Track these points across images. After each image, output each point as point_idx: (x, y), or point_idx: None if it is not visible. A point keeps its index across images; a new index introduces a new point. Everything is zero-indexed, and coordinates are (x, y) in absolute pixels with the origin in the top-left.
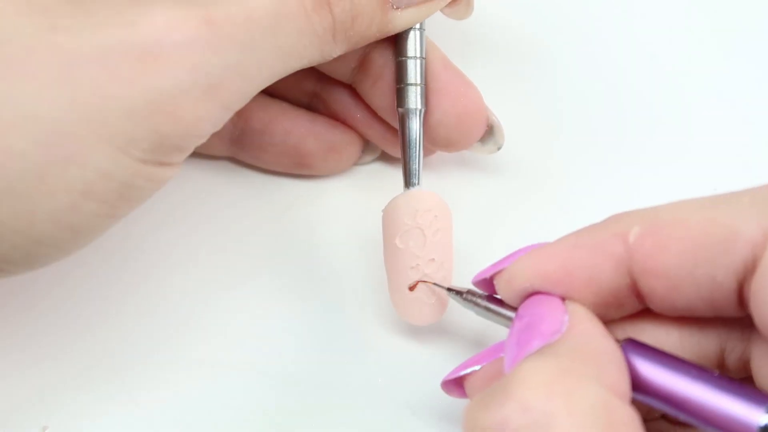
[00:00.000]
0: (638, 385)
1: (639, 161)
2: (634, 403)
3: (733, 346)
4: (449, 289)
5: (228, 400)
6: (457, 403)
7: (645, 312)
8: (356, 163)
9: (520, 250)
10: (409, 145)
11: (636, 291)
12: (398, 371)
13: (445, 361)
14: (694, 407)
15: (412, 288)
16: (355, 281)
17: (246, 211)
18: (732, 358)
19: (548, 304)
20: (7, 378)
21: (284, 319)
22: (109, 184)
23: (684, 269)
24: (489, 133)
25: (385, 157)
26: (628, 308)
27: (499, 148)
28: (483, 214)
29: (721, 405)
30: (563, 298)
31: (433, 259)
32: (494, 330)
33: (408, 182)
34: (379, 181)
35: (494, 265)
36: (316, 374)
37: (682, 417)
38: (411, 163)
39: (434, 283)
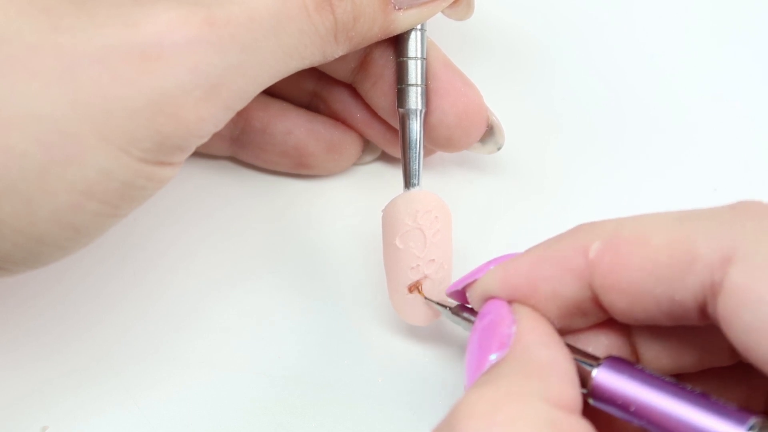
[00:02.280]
0: (619, 403)
1: (639, 161)
2: (618, 422)
3: (713, 354)
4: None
5: (228, 400)
6: None
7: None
8: (356, 163)
9: (491, 261)
10: (410, 145)
11: (598, 303)
12: (398, 371)
13: (445, 361)
14: (675, 426)
15: (411, 289)
16: (355, 281)
17: (246, 210)
18: (715, 362)
19: (500, 318)
20: (8, 378)
21: (284, 319)
22: (111, 184)
23: (643, 287)
24: (489, 133)
25: (385, 157)
26: (593, 318)
27: (499, 148)
28: (482, 214)
29: (701, 424)
30: (511, 302)
31: (433, 260)
32: None
33: (408, 183)
34: (379, 181)
35: (467, 276)
36: (315, 374)
37: None
38: (411, 163)
39: (437, 303)
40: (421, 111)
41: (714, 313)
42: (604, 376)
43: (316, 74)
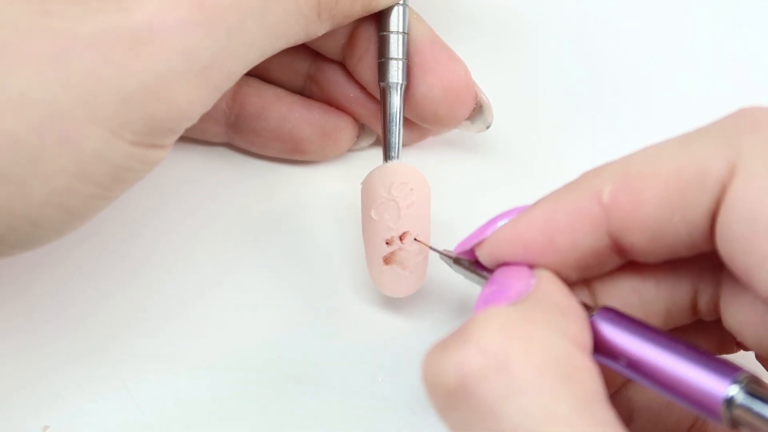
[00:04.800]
0: (608, 351)
1: (630, 140)
2: (603, 369)
3: (704, 288)
4: (441, 253)
5: (227, 398)
6: None
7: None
8: (352, 149)
9: (498, 217)
10: (390, 118)
11: (617, 248)
12: (398, 371)
13: None
14: (662, 376)
15: (386, 260)
16: (353, 268)
17: (242, 196)
18: (704, 300)
19: (517, 272)
20: (8, 378)
21: (281, 313)
22: (103, 167)
23: (662, 219)
24: (478, 110)
25: (380, 142)
26: (609, 265)
27: (488, 127)
28: (472, 192)
29: (688, 375)
30: (532, 267)
31: (408, 232)
32: None
33: (387, 156)
34: (374, 167)
35: (474, 235)
36: (314, 373)
37: (650, 386)
38: (390, 136)
39: (430, 247)
40: (401, 85)
41: (715, 229)
42: (598, 325)
43: (309, 55)
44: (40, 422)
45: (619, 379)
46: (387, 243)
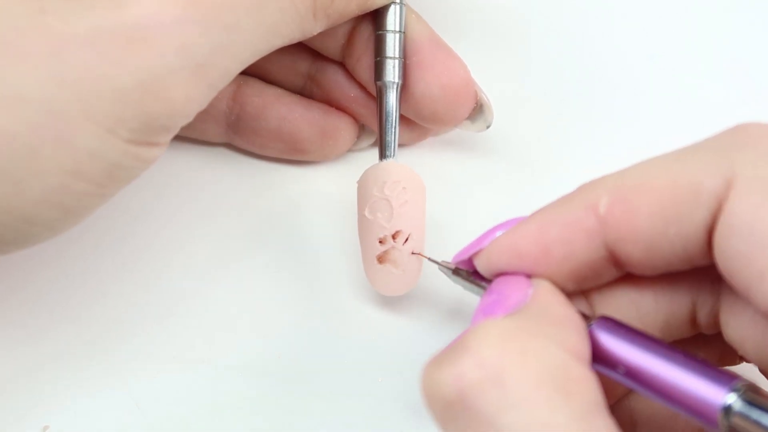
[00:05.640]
0: (606, 360)
1: (630, 139)
2: (603, 379)
3: (703, 301)
4: (439, 264)
5: (226, 397)
6: None
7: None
8: (351, 149)
9: (496, 227)
10: (386, 117)
11: (613, 260)
12: (398, 371)
13: None
14: (660, 385)
15: (380, 259)
16: (353, 268)
17: (242, 196)
18: (703, 313)
19: (515, 282)
20: (8, 378)
21: (281, 313)
22: (98, 164)
23: (657, 232)
24: (478, 110)
25: None
26: (606, 277)
27: (488, 126)
28: (470, 192)
29: (685, 384)
30: (530, 276)
31: (400, 231)
32: None
33: (382, 154)
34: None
35: (472, 245)
36: (314, 373)
37: (649, 395)
38: (386, 135)
39: (428, 258)
40: (397, 84)
41: (713, 243)
42: (596, 334)
43: (309, 55)
44: (40, 422)
45: (621, 389)
46: (380, 242)
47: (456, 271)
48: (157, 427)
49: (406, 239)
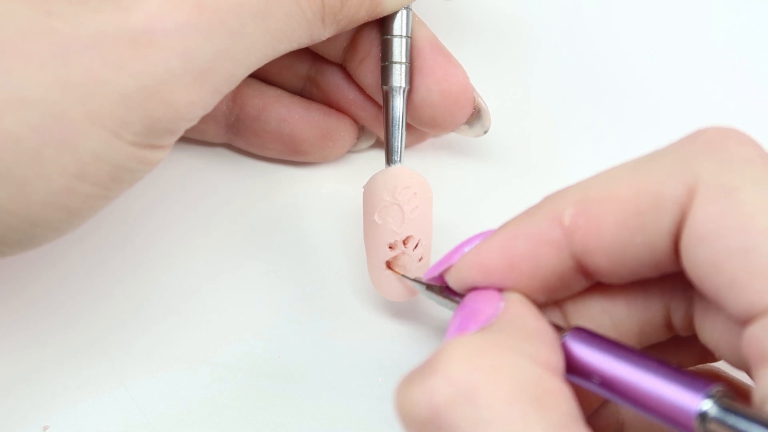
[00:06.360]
0: (581, 371)
1: (628, 144)
2: (579, 390)
3: (677, 306)
4: (412, 280)
5: (226, 397)
6: None
7: (589, 286)
8: (351, 150)
9: (464, 243)
10: (392, 122)
11: (581, 270)
12: (398, 370)
13: None
14: (635, 394)
15: (389, 265)
16: (353, 269)
17: (242, 197)
18: (677, 317)
19: (486, 296)
20: (8, 377)
21: (281, 313)
22: (102, 167)
23: (622, 242)
24: (476, 115)
25: (379, 144)
26: (577, 287)
27: (485, 132)
28: (470, 197)
29: (661, 391)
30: (501, 290)
31: (411, 236)
32: None
33: (389, 159)
34: (373, 169)
35: (442, 261)
36: (314, 373)
37: (625, 404)
38: (393, 140)
39: (403, 275)
40: (404, 89)
41: (680, 251)
42: (569, 346)
43: (310, 57)
44: (40, 422)
45: (599, 399)
46: (390, 247)
47: (429, 287)
48: (157, 427)
49: (416, 245)
